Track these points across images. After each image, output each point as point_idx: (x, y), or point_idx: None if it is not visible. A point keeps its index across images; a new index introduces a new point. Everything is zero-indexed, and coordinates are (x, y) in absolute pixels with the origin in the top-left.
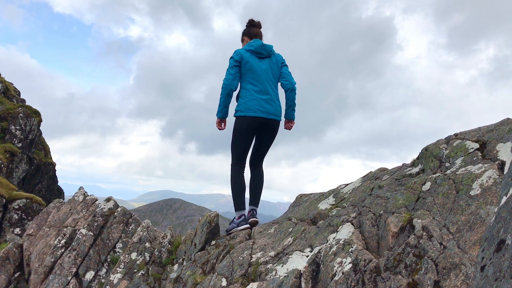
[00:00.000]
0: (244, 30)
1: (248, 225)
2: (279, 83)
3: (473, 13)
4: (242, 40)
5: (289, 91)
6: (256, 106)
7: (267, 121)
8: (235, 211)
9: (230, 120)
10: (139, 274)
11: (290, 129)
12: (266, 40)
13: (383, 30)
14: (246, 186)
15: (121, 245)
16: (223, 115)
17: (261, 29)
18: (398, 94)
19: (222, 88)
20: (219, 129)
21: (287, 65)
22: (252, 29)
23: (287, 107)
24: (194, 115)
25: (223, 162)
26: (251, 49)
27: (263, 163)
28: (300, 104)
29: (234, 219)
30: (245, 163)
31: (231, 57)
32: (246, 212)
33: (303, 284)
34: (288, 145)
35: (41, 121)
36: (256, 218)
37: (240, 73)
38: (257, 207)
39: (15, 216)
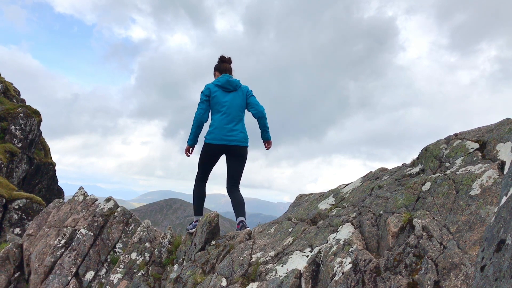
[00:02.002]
0: (216, 65)
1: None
2: (249, 113)
3: (475, 13)
4: (214, 74)
5: (259, 118)
6: (221, 135)
7: (230, 147)
8: (194, 215)
9: (198, 147)
10: (139, 274)
11: (269, 148)
12: (267, 40)
13: (385, 31)
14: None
15: (121, 245)
16: (193, 143)
17: (231, 64)
18: (399, 94)
19: (194, 120)
20: (187, 155)
21: (254, 95)
22: (223, 65)
23: (262, 131)
24: None
25: (224, 163)
26: (218, 84)
27: (239, 187)
28: (301, 104)
29: (193, 222)
30: (207, 178)
31: (202, 92)
32: (236, 224)
33: (303, 284)
34: (288, 145)
35: (41, 121)
36: (247, 227)
37: (210, 105)
38: (245, 217)
39: (15, 216)
